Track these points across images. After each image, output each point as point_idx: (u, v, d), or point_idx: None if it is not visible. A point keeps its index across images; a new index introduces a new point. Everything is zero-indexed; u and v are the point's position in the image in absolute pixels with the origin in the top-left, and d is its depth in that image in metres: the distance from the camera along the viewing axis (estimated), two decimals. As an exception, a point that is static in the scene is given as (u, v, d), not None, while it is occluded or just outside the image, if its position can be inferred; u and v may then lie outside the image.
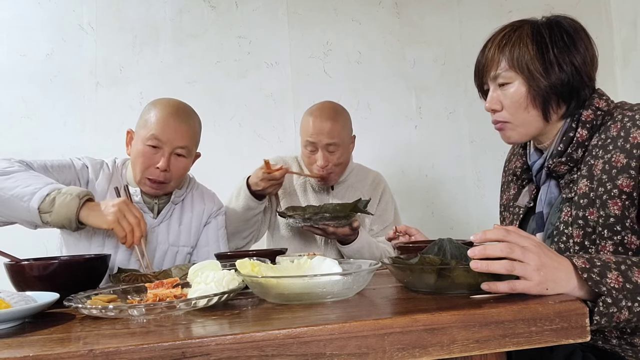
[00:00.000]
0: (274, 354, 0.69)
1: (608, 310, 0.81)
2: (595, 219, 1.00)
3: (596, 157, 1.03)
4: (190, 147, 1.49)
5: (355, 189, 1.89)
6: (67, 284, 1.01)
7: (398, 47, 2.43)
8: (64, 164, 1.46)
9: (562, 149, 1.08)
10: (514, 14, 1.13)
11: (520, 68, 1.07)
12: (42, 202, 1.21)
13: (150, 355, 0.66)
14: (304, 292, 0.87)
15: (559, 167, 1.08)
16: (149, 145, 1.43)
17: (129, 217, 1.25)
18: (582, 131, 1.06)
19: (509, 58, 1.08)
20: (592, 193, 1.01)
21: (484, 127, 2.43)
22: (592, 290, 0.81)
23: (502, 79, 1.09)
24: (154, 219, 1.51)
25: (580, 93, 1.07)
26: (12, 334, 0.79)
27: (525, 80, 1.07)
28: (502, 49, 1.09)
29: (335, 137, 1.74)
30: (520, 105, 1.08)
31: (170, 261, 1.52)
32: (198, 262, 0.99)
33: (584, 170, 1.04)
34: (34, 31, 2.20)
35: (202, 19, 2.32)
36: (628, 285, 0.82)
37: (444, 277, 0.88)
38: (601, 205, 0.99)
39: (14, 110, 2.17)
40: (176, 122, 1.45)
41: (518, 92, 1.08)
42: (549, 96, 1.07)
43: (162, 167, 1.43)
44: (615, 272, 0.83)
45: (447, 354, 0.73)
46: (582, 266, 0.82)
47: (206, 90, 2.29)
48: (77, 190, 1.24)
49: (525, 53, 1.06)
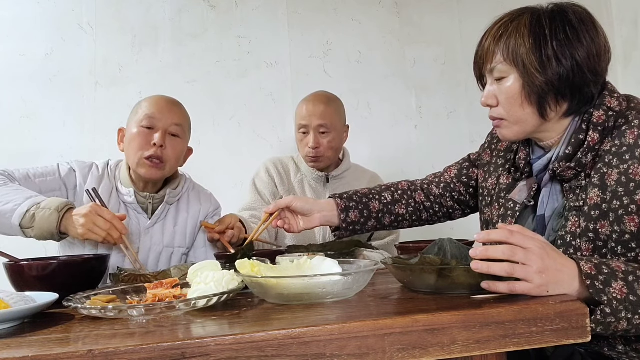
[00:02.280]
0: (273, 354, 0.68)
1: (605, 320, 0.80)
2: (608, 234, 0.94)
3: (610, 166, 0.96)
4: (184, 127, 1.51)
5: (352, 187, 1.87)
6: (66, 284, 1.01)
7: (398, 46, 2.43)
8: (48, 171, 1.45)
9: (571, 152, 1.00)
10: (514, 13, 1.11)
11: (516, 62, 0.98)
12: (22, 218, 1.23)
13: (149, 355, 0.66)
14: (304, 293, 0.86)
15: (565, 172, 1.00)
16: (143, 126, 1.45)
17: (99, 223, 1.24)
18: (593, 134, 0.98)
19: (504, 50, 1.00)
20: (605, 205, 0.94)
21: (484, 127, 2.40)
22: (593, 298, 0.81)
23: (498, 73, 1.02)
24: (148, 220, 1.50)
25: (583, 90, 0.98)
26: (11, 334, 0.79)
27: (520, 75, 0.99)
28: (498, 40, 1.01)
29: (326, 119, 1.81)
30: (515, 102, 1.01)
31: (165, 262, 1.51)
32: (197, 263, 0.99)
33: (595, 178, 0.97)
34: (33, 31, 2.20)
35: (202, 19, 2.31)
36: (632, 298, 0.80)
37: (444, 277, 0.88)
38: (616, 220, 0.93)
39: (13, 110, 2.16)
40: (168, 103, 1.50)
41: (513, 88, 1.00)
42: (545, 93, 0.98)
43: (159, 143, 1.43)
44: (622, 282, 0.81)
45: (448, 354, 0.73)
46: (588, 272, 0.81)
47: (206, 90, 2.28)
48: (56, 203, 1.25)
49: (521, 46, 0.98)
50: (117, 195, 1.49)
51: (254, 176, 1.92)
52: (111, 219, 1.26)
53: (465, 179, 1.33)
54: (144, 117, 1.45)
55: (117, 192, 1.49)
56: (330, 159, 1.87)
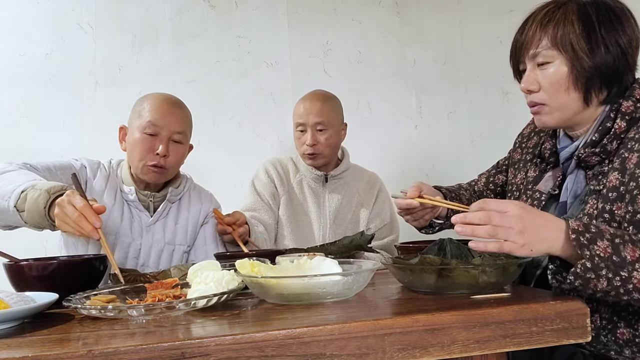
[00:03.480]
0: (273, 354, 0.68)
1: (585, 275, 0.82)
2: (622, 214, 0.95)
3: (631, 150, 0.98)
4: (186, 133, 1.51)
5: (350, 187, 1.92)
6: (66, 284, 1.01)
7: (398, 46, 2.43)
8: (64, 164, 1.46)
9: (597, 139, 1.03)
10: (514, 13, 1.11)
11: (564, 47, 1.00)
12: (17, 199, 1.13)
13: (149, 355, 0.66)
14: (304, 293, 0.86)
15: (590, 158, 1.03)
16: (146, 133, 1.44)
17: (68, 212, 1.07)
18: (620, 122, 1.01)
19: (552, 36, 1.01)
20: (622, 187, 0.96)
21: (484, 127, 2.43)
22: (576, 252, 0.83)
23: (542, 58, 1.03)
24: (149, 218, 1.51)
25: (623, 78, 1.02)
26: (11, 334, 0.79)
27: (569, 60, 1.01)
28: (545, 26, 1.02)
29: (324, 116, 1.82)
30: (560, 87, 1.02)
31: (166, 259, 1.52)
32: (197, 262, 0.99)
33: (617, 162, 0.99)
34: (33, 31, 2.19)
35: (202, 19, 2.31)
36: (615, 258, 0.83)
37: (444, 277, 0.88)
38: (630, 200, 0.94)
39: (13, 109, 2.16)
40: (170, 107, 1.48)
41: (559, 72, 1.02)
42: (592, 78, 1.01)
43: (162, 153, 1.43)
44: (607, 242, 0.83)
45: (448, 354, 0.73)
46: (575, 228, 0.84)
47: (206, 90, 2.28)
48: (49, 185, 1.13)
49: (571, 31, 1.00)
50: (121, 194, 1.50)
51: (253, 177, 1.92)
52: (82, 207, 1.07)
53: (492, 186, 1.38)
54: (147, 124, 1.44)
55: (121, 191, 1.50)
56: (328, 157, 1.87)
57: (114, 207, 1.47)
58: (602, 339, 0.97)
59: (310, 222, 1.86)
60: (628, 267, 0.82)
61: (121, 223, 1.46)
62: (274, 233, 1.85)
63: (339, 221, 1.86)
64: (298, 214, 1.86)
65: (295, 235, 1.84)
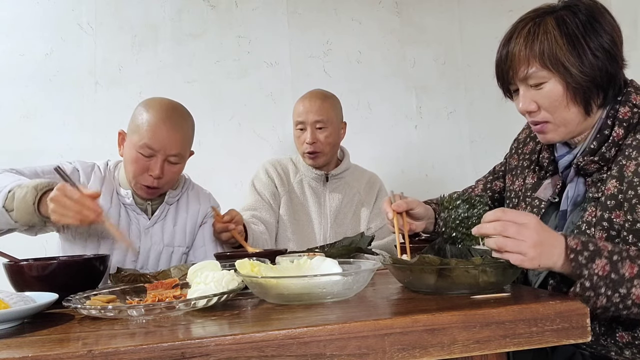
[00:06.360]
0: (273, 354, 0.68)
1: (584, 294, 0.83)
2: (621, 223, 0.94)
3: (629, 158, 0.97)
4: (183, 154, 1.47)
5: (351, 187, 1.92)
6: (66, 285, 1.01)
7: (398, 46, 2.43)
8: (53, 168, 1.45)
9: (595, 147, 1.02)
10: (514, 13, 1.11)
11: (554, 66, 0.98)
12: (5, 199, 1.15)
13: (149, 355, 0.66)
14: (304, 293, 0.86)
15: (589, 166, 1.02)
16: (141, 153, 1.41)
17: (68, 206, 1.13)
18: (618, 130, 1.00)
19: (539, 57, 0.99)
20: (621, 195, 0.95)
21: (484, 127, 2.43)
22: (575, 273, 0.84)
23: (535, 80, 1.01)
24: (147, 220, 1.50)
25: (617, 77, 1.01)
26: (11, 334, 0.79)
27: (562, 78, 0.99)
28: (530, 46, 1.00)
29: (323, 115, 1.83)
30: (560, 104, 1.00)
31: (165, 261, 1.52)
32: (197, 263, 0.99)
33: (615, 170, 0.98)
34: (33, 31, 2.19)
35: (202, 19, 2.31)
36: (613, 276, 0.83)
37: (444, 277, 0.88)
38: (629, 209, 0.93)
39: (13, 109, 2.16)
40: (169, 128, 1.41)
41: (555, 91, 1.00)
42: (589, 88, 0.99)
43: (156, 175, 1.41)
44: (605, 260, 0.84)
45: (448, 354, 0.73)
46: (574, 247, 0.85)
47: (205, 90, 2.28)
48: (35, 182, 1.16)
49: (556, 48, 0.97)
50: (117, 197, 1.49)
51: (253, 178, 1.92)
52: (79, 198, 1.14)
53: (490, 193, 1.36)
54: (143, 145, 1.39)
55: (117, 194, 1.49)
56: (327, 155, 1.87)
57: (110, 210, 1.45)
58: (602, 342, 0.97)
59: (311, 221, 1.87)
60: (627, 284, 0.83)
61: (118, 226, 1.45)
62: (274, 232, 1.85)
63: (340, 221, 1.87)
64: (299, 213, 1.87)
65: (296, 235, 1.84)
